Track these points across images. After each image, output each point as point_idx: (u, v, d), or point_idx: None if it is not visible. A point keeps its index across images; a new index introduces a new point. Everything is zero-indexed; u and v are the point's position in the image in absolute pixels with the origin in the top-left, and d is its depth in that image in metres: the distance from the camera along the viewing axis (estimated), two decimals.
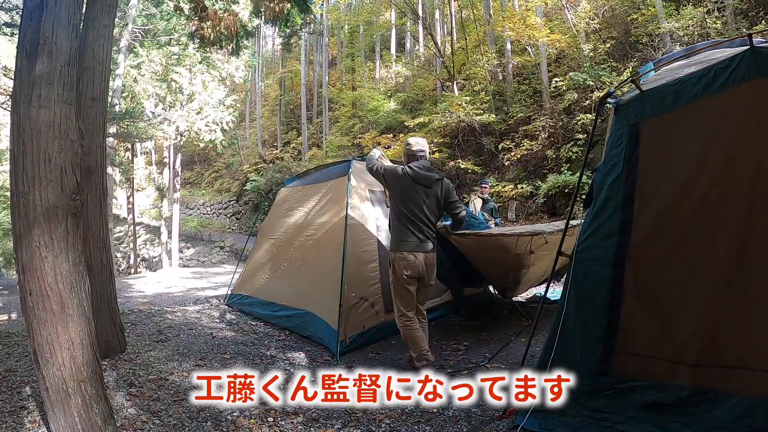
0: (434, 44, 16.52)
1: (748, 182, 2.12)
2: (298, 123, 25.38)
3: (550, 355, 2.56)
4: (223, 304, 5.94)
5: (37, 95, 2.30)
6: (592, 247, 2.53)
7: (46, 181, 2.29)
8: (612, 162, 2.56)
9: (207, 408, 2.86)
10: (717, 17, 10.00)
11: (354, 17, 26.16)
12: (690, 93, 2.32)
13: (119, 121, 10.73)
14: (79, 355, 2.28)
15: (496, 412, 2.70)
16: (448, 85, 15.09)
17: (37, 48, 2.32)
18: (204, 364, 3.68)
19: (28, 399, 2.93)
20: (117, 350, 3.85)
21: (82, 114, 3.50)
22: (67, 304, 2.27)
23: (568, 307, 2.56)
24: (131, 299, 7.67)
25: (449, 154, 13.05)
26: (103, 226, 3.81)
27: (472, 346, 4.04)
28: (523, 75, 14.03)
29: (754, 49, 2.12)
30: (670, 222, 2.33)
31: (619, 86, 2.69)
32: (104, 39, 3.77)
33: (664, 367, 2.27)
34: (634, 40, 11.36)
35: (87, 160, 3.59)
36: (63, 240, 2.31)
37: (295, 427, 2.64)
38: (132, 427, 2.60)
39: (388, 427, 2.62)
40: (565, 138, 11.14)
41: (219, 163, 27.17)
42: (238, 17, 6.42)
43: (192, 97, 14.43)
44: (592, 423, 2.32)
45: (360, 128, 18.91)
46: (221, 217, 23.56)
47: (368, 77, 22.94)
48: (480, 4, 16.32)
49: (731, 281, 2.13)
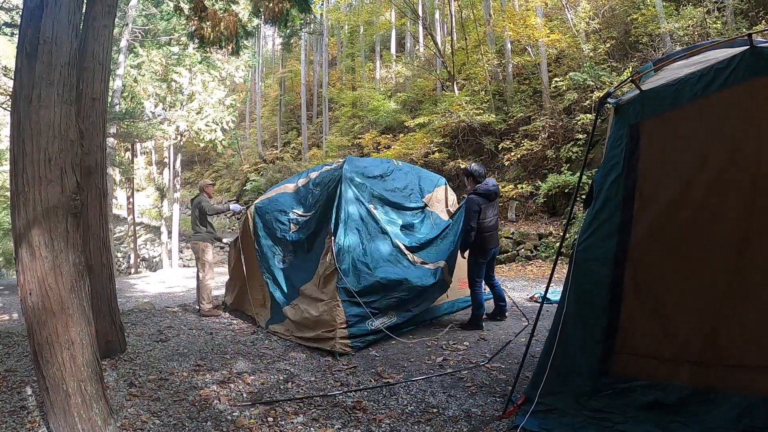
0: (434, 44, 16.51)
1: (748, 182, 2.12)
2: (298, 123, 25.39)
3: (550, 356, 2.56)
4: (224, 304, 5.94)
5: (37, 95, 2.30)
6: (592, 247, 2.53)
7: (46, 181, 2.29)
8: (612, 162, 2.56)
9: (207, 408, 2.86)
10: (717, 17, 10.00)
11: (354, 17, 26.13)
12: (690, 93, 2.32)
13: (119, 121, 10.73)
14: (79, 355, 2.28)
15: (496, 412, 2.70)
16: (448, 85, 15.08)
17: (37, 48, 2.32)
18: (204, 364, 3.68)
19: (28, 399, 2.93)
20: (117, 350, 3.86)
21: (82, 114, 3.50)
22: (67, 304, 2.28)
23: (568, 307, 2.56)
24: (133, 299, 7.68)
25: (449, 154, 13.05)
26: (103, 226, 3.82)
27: (472, 346, 4.04)
28: (523, 75, 14.03)
29: (754, 49, 2.12)
30: (670, 222, 2.33)
31: (619, 86, 2.69)
32: (104, 39, 3.77)
33: (665, 366, 2.27)
34: (634, 40, 11.35)
35: (87, 160, 3.59)
36: (63, 240, 2.31)
37: (295, 427, 2.63)
38: (132, 427, 2.60)
39: (388, 427, 2.62)
40: (565, 138, 11.14)
41: (219, 163, 27.18)
42: (238, 17, 6.42)
43: (192, 97, 14.44)
44: (592, 423, 2.32)
45: (360, 128, 18.90)
46: (221, 217, 23.55)
47: (368, 77, 22.93)
48: (480, 4, 16.30)
49: (731, 281, 2.13)
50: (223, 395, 3.05)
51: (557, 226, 10.25)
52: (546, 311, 3.02)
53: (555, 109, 11.68)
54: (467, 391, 3.06)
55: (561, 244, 3.13)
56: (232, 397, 3.05)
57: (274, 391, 3.16)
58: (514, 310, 5.35)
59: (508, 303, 5.17)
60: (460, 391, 3.06)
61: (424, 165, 11.89)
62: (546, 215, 10.81)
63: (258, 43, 26.16)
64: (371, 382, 3.30)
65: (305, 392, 3.12)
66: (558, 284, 5.12)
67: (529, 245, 10.06)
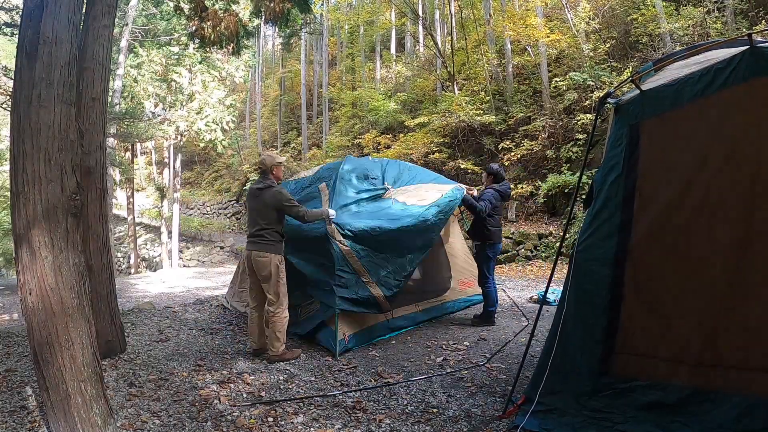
0: (434, 44, 16.50)
1: (747, 182, 2.12)
2: (298, 123, 25.38)
3: (550, 355, 2.56)
4: (225, 304, 5.94)
5: (37, 95, 2.30)
6: (592, 247, 2.53)
7: (46, 181, 2.29)
8: (612, 162, 2.56)
9: (207, 408, 2.86)
10: (717, 17, 10.00)
11: (354, 17, 26.10)
12: (690, 93, 2.32)
13: (119, 121, 10.73)
14: (79, 355, 2.28)
15: (496, 412, 2.70)
16: (448, 85, 15.08)
17: (37, 48, 2.32)
18: (204, 364, 3.68)
19: (28, 399, 2.93)
20: (117, 350, 3.86)
21: (82, 114, 3.51)
22: (67, 304, 2.28)
23: (568, 307, 2.56)
24: (133, 299, 7.68)
25: (449, 154, 13.05)
26: (103, 226, 3.82)
27: (472, 346, 4.04)
28: (523, 75, 14.03)
29: (754, 49, 2.12)
30: (670, 222, 2.33)
31: (619, 86, 2.69)
32: (104, 39, 3.77)
33: (665, 367, 2.27)
34: (634, 40, 11.35)
35: (87, 160, 3.59)
36: (63, 240, 2.31)
37: (295, 427, 2.63)
38: (132, 427, 2.60)
39: (388, 427, 2.62)
40: (565, 138, 11.14)
41: (219, 163, 27.17)
42: (238, 17, 6.43)
43: (192, 97, 14.45)
44: (592, 423, 2.32)
45: (360, 128, 18.90)
46: (221, 217, 23.58)
47: (368, 77, 22.92)
48: (480, 4, 16.30)
49: (731, 281, 2.13)
50: (223, 395, 3.05)
51: (557, 226, 10.25)
52: (546, 311, 3.03)
53: (555, 109, 11.68)
54: (467, 391, 3.06)
55: (561, 244, 3.13)
56: (232, 397, 3.05)
57: (274, 391, 3.16)
58: (514, 310, 5.35)
59: (507, 303, 5.17)
60: (460, 391, 3.06)
61: (424, 165, 11.88)
62: (546, 215, 10.81)
63: (258, 43, 26.14)
64: (371, 382, 3.30)
65: (305, 392, 3.12)
66: (558, 284, 5.12)
67: (529, 245, 10.06)
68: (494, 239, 4.69)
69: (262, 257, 3.68)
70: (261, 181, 3.83)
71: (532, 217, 11.01)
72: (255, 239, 3.75)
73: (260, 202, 3.76)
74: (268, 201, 3.72)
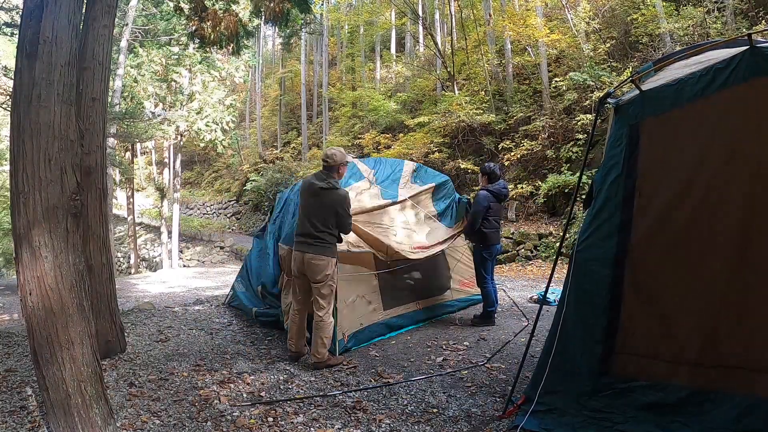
0: (434, 44, 16.51)
1: (747, 182, 2.12)
2: (298, 123, 25.38)
3: (549, 355, 2.56)
4: (225, 304, 5.95)
5: (37, 95, 2.30)
6: (592, 247, 2.53)
7: (46, 181, 2.29)
8: (612, 162, 2.56)
9: (207, 408, 2.86)
10: (717, 17, 10.00)
11: (354, 17, 26.12)
12: (690, 93, 2.32)
13: (119, 121, 10.74)
14: (78, 355, 2.28)
15: (496, 412, 2.70)
16: (448, 85, 15.08)
17: (37, 48, 2.32)
18: (204, 364, 3.68)
19: (28, 399, 2.93)
20: (117, 350, 3.86)
21: (82, 114, 3.50)
22: (67, 304, 2.28)
23: (568, 307, 2.56)
24: (133, 299, 7.68)
25: (449, 154, 13.05)
26: (103, 226, 3.82)
27: (472, 346, 4.04)
28: (523, 75, 14.03)
29: (754, 49, 2.12)
30: (670, 222, 2.33)
31: (619, 86, 2.69)
32: (104, 39, 3.77)
33: (664, 367, 2.27)
34: (634, 40, 11.36)
35: (87, 160, 3.59)
36: (63, 240, 2.31)
37: (295, 427, 2.63)
38: (132, 427, 2.60)
39: (388, 427, 2.62)
40: (565, 138, 11.14)
41: (219, 163, 27.18)
42: (238, 17, 6.42)
43: (192, 97, 14.47)
44: (592, 423, 2.32)
45: (360, 128, 18.91)
46: (221, 217, 23.58)
47: (368, 77, 22.94)
48: (480, 4, 16.30)
49: (731, 281, 2.13)
50: (223, 395, 3.05)
51: (557, 226, 10.25)
52: (546, 311, 3.03)
53: (555, 109, 11.68)
54: (467, 391, 3.06)
55: (561, 244, 3.13)
56: (232, 397, 3.05)
57: (274, 391, 3.16)
58: (514, 310, 5.35)
59: (507, 303, 5.17)
60: (460, 391, 3.06)
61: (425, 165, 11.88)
62: (546, 215, 10.81)
63: (258, 43, 26.13)
64: (371, 382, 3.30)
65: (305, 392, 3.12)
66: (558, 284, 5.12)
67: (529, 245, 10.06)
68: (490, 241, 4.65)
69: (319, 260, 3.44)
70: (324, 179, 3.51)
71: (532, 217, 11.02)
72: (310, 240, 3.48)
73: (321, 202, 3.48)
74: (332, 202, 3.47)
